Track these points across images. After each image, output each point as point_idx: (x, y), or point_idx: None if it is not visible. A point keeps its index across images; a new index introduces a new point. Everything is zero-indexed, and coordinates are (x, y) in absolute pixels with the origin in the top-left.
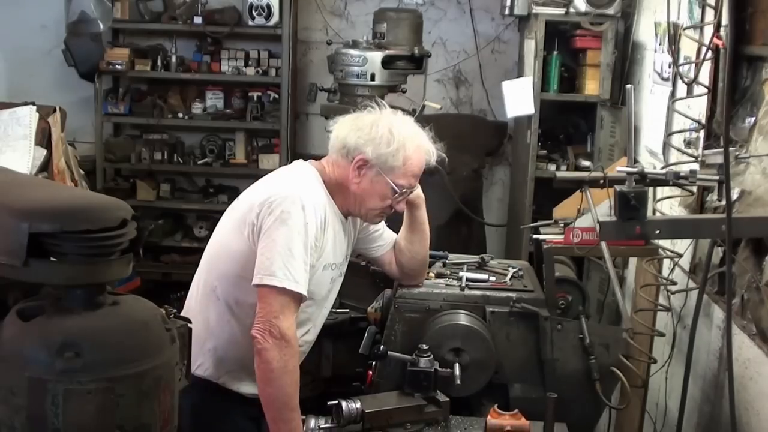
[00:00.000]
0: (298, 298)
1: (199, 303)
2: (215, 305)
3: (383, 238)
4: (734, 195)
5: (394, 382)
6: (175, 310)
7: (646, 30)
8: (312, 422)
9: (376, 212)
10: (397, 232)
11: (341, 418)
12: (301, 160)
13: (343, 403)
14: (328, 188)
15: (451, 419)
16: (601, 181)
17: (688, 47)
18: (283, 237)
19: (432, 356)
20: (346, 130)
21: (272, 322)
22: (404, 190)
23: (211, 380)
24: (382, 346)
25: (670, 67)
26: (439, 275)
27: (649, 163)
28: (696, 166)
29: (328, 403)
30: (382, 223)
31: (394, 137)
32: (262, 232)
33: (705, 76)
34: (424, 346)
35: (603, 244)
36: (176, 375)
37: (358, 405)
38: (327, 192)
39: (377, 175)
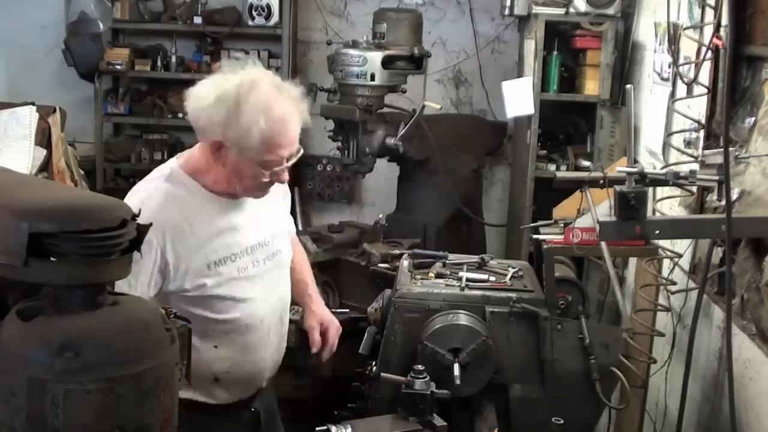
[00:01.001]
0: None
1: None
2: None
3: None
4: (734, 195)
5: (394, 382)
6: (175, 311)
7: (646, 30)
8: None
9: (256, 188)
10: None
11: None
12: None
13: (333, 429)
14: (197, 174)
15: None
16: (601, 181)
17: (687, 47)
18: None
19: (428, 377)
20: (192, 105)
21: None
22: (277, 167)
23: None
24: (374, 368)
25: (669, 67)
26: (439, 275)
27: (649, 163)
28: (696, 166)
29: (317, 429)
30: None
31: (242, 113)
32: None
33: (705, 76)
34: (420, 367)
35: (603, 244)
36: (176, 375)
37: (349, 430)
38: (199, 186)
39: (239, 155)
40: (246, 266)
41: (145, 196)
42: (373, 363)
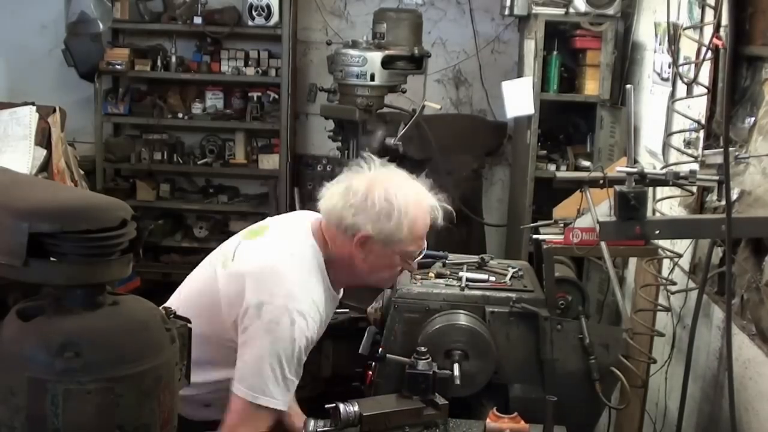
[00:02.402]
0: (272, 412)
1: None
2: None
3: None
4: (734, 195)
5: (394, 382)
6: (175, 310)
7: (645, 30)
8: (311, 425)
9: (391, 279)
10: None
11: (339, 421)
12: (305, 219)
13: (341, 406)
14: (327, 264)
15: (450, 422)
16: (601, 181)
17: (687, 47)
18: (265, 349)
19: (431, 358)
20: (339, 205)
21: None
22: (416, 255)
23: None
24: (380, 349)
25: (669, 67)
26: (439, 275)
27: (649, 163)
28: (696, 166)
29: (326, 405)
30: None
31: (393, 207)
32: (246, 333)
33: (705, 76)
34: (423, 349)
35: (603, 244)
36: (176, 375)
37: (356, 408)
38: (324, 271)
39: (384, 248)
40: None
41: (317, 296)
42: (379, 349)
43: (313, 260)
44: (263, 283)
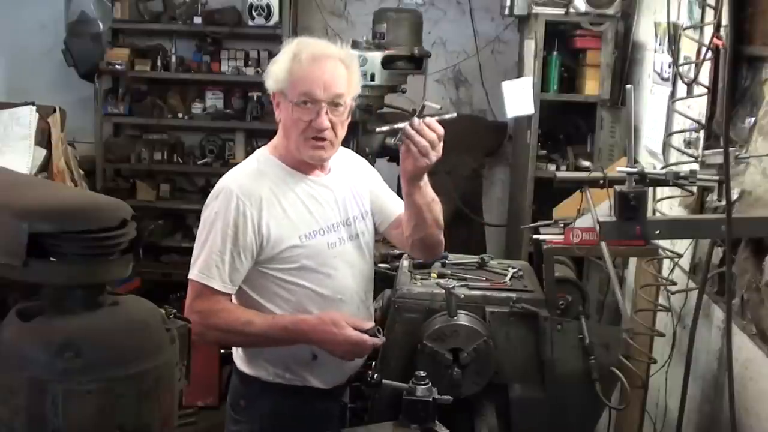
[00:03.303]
0: (205, 286)
1: None
2: None
3: (383, 211)
4: (734, 195)
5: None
6: (175, 310)
7: (646, 30)
8: None
9: (304, 142)
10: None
11: None
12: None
13: None
14: (276, 153)
15: None
16: (601, 181)
17: (688, 47)
18: (198, 232)
19: (430, 384)
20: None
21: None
22: (304, 101)
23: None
24: (376, 375)
25: (670, 67)
26: (439, 275)
27: (649, 163)
28: (696, 166)
29: None
30: (387, 194)
31: (278, 57)
32: None
33: (705, 76)
34: (422, 373)
35: (603, 244)
36: (176, 375)
37: None
38: (279, 161)
39: (284, 102)
40: (334, 242)
41: (235, 175)
42: (373, 364)
43: (254, 157)
44: None
